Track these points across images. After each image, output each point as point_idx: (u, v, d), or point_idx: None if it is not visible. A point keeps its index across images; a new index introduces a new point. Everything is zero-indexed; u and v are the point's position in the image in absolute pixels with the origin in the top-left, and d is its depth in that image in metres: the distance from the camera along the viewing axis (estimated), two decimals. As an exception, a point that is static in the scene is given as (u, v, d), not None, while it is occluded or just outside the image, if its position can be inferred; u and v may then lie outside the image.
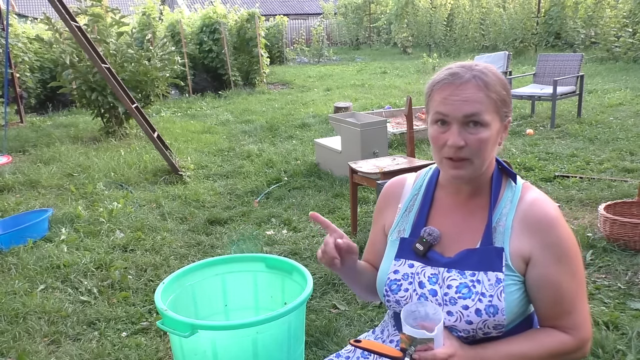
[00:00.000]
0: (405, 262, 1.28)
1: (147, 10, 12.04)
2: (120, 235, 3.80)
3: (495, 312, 1.14)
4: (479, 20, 17.58)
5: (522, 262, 1.18)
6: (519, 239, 1.18)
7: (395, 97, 9.69)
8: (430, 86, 1.21)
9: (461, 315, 1.17)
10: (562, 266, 1.16)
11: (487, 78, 1.16)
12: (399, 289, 1.26)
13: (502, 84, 1.18)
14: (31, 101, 9.90)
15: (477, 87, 1.14)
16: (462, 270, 1.20)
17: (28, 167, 5.59)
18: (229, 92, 11.49)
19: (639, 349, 2.21)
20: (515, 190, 1.23)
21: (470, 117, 1.14)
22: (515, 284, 1.18)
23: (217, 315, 2.16)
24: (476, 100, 1.14)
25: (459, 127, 1.15)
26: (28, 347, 2.45)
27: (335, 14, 25.29)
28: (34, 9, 25.44)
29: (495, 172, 1.25)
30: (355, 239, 3.53)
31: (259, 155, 5.95)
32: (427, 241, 1.25)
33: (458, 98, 1.14)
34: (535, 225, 1.17)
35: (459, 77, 1.15)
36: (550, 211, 1.18)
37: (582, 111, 7.00)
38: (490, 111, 1.15)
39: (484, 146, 1.16)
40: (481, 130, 1.15)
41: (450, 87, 1.16)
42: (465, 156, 1.16)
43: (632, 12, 13.37)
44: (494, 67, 1.20)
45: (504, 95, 1.18)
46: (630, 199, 3.64)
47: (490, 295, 1.15)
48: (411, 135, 3.78)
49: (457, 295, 1.18)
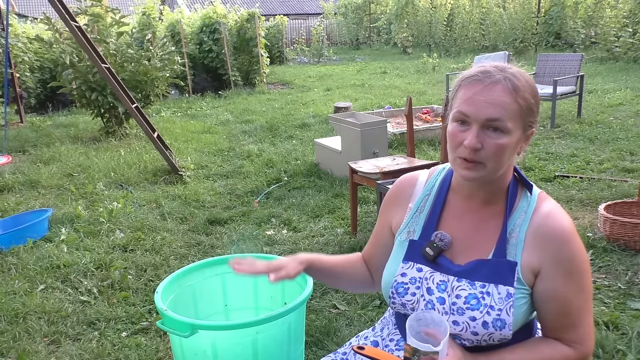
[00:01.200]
0: (414, 266, 1.24)
1: (147, 10, 12.05)
2: (120, 235, 3.80)
3: (502, 327, 1.13)
4: (479, 20, 17.58)
5: (531, 275, 1.16)
6: (530, 252, 1.16)
7: (395, 97, 9.69)
8: (459, 81, 1.17)
9: (468, 326, 1.15)
10: (571, 281, 1.14)
11: (518, 82, 1.11)
12: (406, 292, 1.23)
13: (532, 91, 1.14)
14: (31, 101, 9.90)
15: (506, 90, 1.10)
16: (473, 281, 1.17)
17: (28, 167, 5.59)
18: (229, 92, 11.49)
19: (639, 349, 2.21)
20: (530, 201, 1.20)
21: (493, 121, 1.10)
22: (523, 297, 1.16)
23: (217, 315, 2.16)
24: (502, 104, 1.10)
25: (478, 129, 1.11)
26: (28, 347, 2.45)
27: (335, 14, 25.29)
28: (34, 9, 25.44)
29: (512, 182, 1.22)
30: (355, 239, 3.53)
31: (259, 155, 5.95)
32: (438, 246, 1.22)
33: (484, 99, 1.10)
34: (548, 239, 1.15)
35: (489, 75, 1.11)
36: (564, 225, 1.15)
37: (582, 111, 7.00)
38: (514, 118, 1.11)
39: (501, 152, 1.12)
40: (501, 136, 1.11)
41: (478, 86, 1.12)
42: (479, 159, 1.12)
43: (632, 12, 13.37)
44: (527, 74, 1.16)
45: (532, 103, 1.14)
46: (630, 199, 3.64)
47: (499, 309, 1.13)
48: (411, 135, 3.78)
49: (466, 306, 1.15)
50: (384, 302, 2.71)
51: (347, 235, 3.64)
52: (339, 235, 3.65)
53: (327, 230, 3.78)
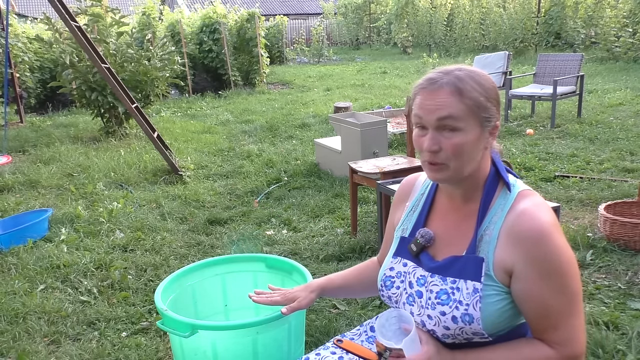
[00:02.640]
0: (401, 261, 1.32)
1: (147, 10, 12.05)
2: (120, 235, 3.80)
3: (470, 321, 1.15)
4: (479, 20, 17.58)
5: (504, 274, 1.16)
6: (503, 250, 1.16)
7: (395, 97, 9.69)
8: (414, 90, 1.24)
9: (439, 320, 1.19)
10: (548, 282, 1.12)
11: (462, 84, 1.15)
12: (392, 285, 1.31)
13: (482, 89, 1.17)
14: (31, 101, 9.90)
15: (450, 92, 1.15)
16: (445, 277, 1.21)
17: (28, 167, 5.59)
18: (229, 92, 11.49)
19: (639, 349, 2.21)
20: (508, 198, 1.20)
21: (443, 120, 1.15)
22: (498, 294, 1.16)
23: (217, 315, 2.16)
24: (448, 105, 1.15)
25: (433, 132, 1.17)
26: (28, 347, 2.45)
27: (335, 14, 25.30)
28: (34, 9, 25.45)
29: (490, 178, 1.23)
30: (355, 239, 3.53)
31: (259, 155, 5.95)
32: (420, 243, 1.28)
33: (431, 103, 1.16)
34: (520, 238, 1.14)
35: (433, 82, 1.17)
36: (539, 224, 1.13)
37: (582, 111, 7.00)
38: (464, 117, 1.15)
39: (459, 151, 1.16)
40: (455, 135, 1.15)
41: (425, 92, 1.18)
42: (441, 161, 1.18)
43: (632, 12, 13.37)
44: (478, 72, 1.19)
45: (481, 101, 1.16)
46: (630, 199, 3.64)
47: (467, 304, 1.16)
48: (411, 135, 3.78)
49: (437, 301, 1.20)
50: (384, 302, 2.71)
51: (347, 235, 3.64)
52: (339, 235, 3.64)
53: (327, 230, 3.78)
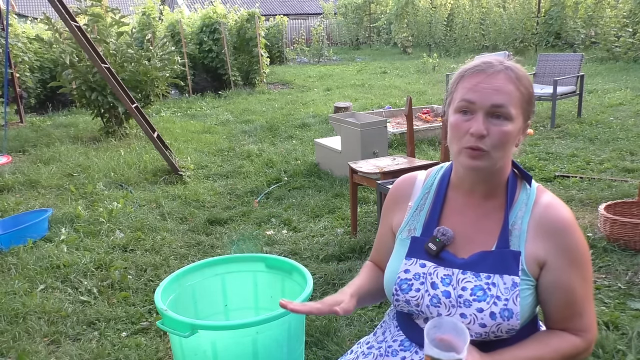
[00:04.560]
0: (417, 262, 1.25)
1: (147, 10, 12.05)
2: (120, 235, 3.80)
3: (509, 316, 1.14)
4: (479, 20, 17.58)
5: (536, 267, 1.18)
6: (534, 243, 1.18)
7: (395, 97, 9.69)
8: (460, 73, 1.20)
9: (475, 318, 1.15)
10: (575, 270, 1.17)
11: (519, 72, 1.17)
12: (410, 288, 1.23)
13: (530, 82, 1.19)
14: (31, 101, 9.90)
15: (509, 78, 1.14)
16: (478, 273, 1.18)
17: (28, 167, 5.59)
18: (229, 92, 11.49)
19: (639, 349, 2.21)
20: (530, 193, 1.22)
21: (498, 107, 1.13)
22: (529, 289, 1.17)
23: (217, 315, 2.16)
24: (506, 91, 1.13)
25: (483, 116, 1.14)
26: (28, 347, 2.45)
27: (335, 14, 25.29)
28: (34, 9, 25.44)
29: (511, 175, 1.25)
30: (355, 239, 3.53)
31: (259, 155, 5.95)
32: (441, 241, 1.23)
33: (488, 86, 1.14)
34: (550, 230, 1.17)
35: (491, 65, 1.15)
36: (565, 215, 1.18)
37: (582, 111, 7.00)
38: (517, 106, 1.15)
39: (505, 140, 1.15)
40: (505, 123, 1.14)
41: (481, 75, 1.15)
42: (485, 147, 1.14)
43: (632, 12, 13.37)
44: (521, 67, 1.21)
45: (531, 92, 1.19)
46: (630, 199, 3.64)
47: (506, 299, 1.14)
48: (411, 135, 3.78)
49: (472, 298, 1.16)
50: (383, 302, 2.70)
51: (347, 235, 3.64)
52: (339, 235, 3.64)
53: (327, 230, 3.78)
